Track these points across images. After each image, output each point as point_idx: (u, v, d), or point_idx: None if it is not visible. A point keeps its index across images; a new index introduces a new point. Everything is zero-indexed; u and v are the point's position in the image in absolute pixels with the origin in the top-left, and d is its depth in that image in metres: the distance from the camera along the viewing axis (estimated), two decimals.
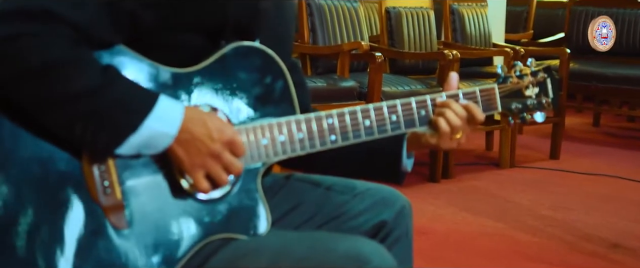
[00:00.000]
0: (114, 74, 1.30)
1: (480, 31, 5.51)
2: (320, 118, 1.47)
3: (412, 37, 4.97)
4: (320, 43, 4.47)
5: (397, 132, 1.53)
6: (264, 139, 1.43)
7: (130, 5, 1.33)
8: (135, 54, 1.36)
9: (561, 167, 5.01)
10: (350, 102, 4.05)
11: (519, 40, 6.54)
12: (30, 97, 1.25)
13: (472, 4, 5.54)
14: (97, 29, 1.30)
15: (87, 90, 1.25)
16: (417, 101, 1.54)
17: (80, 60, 1.27)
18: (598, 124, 6.79)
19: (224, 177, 1.37)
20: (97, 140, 1.28)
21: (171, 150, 1.34)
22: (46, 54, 1.24)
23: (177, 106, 1.33)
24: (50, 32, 1.24)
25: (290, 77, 1.50)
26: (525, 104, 1.64)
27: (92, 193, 1.32)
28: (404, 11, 4.95)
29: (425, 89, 4.43)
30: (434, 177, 4.51)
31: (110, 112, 1.27)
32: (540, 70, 1.65)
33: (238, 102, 1.43)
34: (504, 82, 1.62)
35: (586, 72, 5.79)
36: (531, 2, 7.36)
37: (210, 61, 1.41)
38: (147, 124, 1.29)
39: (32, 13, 1.24)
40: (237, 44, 1.43)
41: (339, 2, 4.62)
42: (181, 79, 1.39)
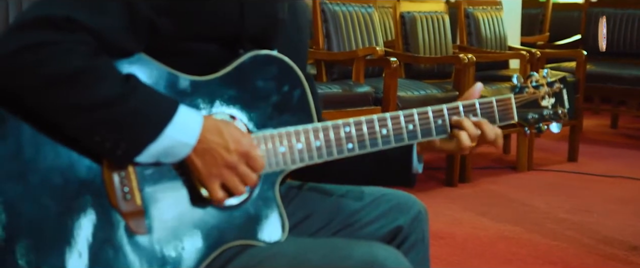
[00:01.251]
0: (135, 83, 1.30)
1: (496, 34, 5.49)
2: (337, 126, 1.48)
3: (427, 42, 4.97)
4: (335, 49, 4.47)
5: (414, 141, 1.54)
6: (281, 147, 1.44)
7: (149, 14, 1.34)
8: (155, 62, 1.37)
9: (579, 170, 4.99)
10: (366, 108, 4.04)
11: (535, 42, 6.52)
12: (51, 105, 1.26)
13: (487, 7, 5.53)
14: (118, 37, 1.31)
15: (108, 99, 1.26)
16: (433, 110, 1.55)
17: (101, 69, 1.28)
18: (616, 126, 6.76)
19: (240, 188, 1.38)
20: (117, 148, 1.29)
21: (189, 159, 1.35)
22: (67, 62, 1.24)
23: (196, 116, 1.34)
24: (71, 40, 1.25)
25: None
26: (542, 114, 1.65)
27: (112, 200, 1.33)
28: (418, 16, 4.95)
29: (441, 93, 4.42)
30: (451, 182, 4.50)
31: (131, 121, 1.28)
32: (556, 80, 1.67)
33: (256, 110, 1.44)
34: (520, 92, 1.63)
35: (603, 74, 5.77)
36: (547, 5, 7.33)
37: (228, 69, 1.42)
38: (167, 133, 1.30)
39: (54, 21, 1.25)
40: (255, 53, 1.44)
41: (354, 8, 4.62)
42: (200, 86, 1.40)
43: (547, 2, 7.39)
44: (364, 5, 4.70)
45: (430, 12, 5.05)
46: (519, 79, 1.64)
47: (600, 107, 6.91)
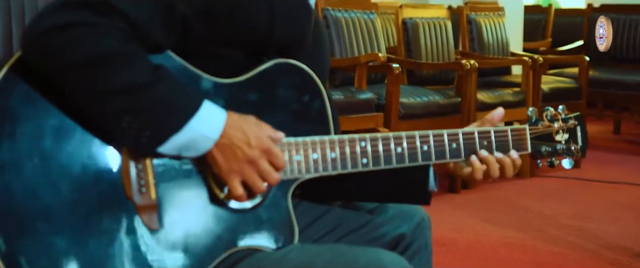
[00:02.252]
0: (163, 73, 1.32)
1: (498, 40, 5.49)
2: (353, 140, 1.49)
3: (430, 48, 4.97)
4: (337, 55, 4.48)
5: (427, 162, 1.55)
6: (297, 156, 1.45)
7: (184, 13, 1.36)
8: (181, 61, 1.39)
9: (582, 176, 4.98)
10: (368, 114, 4.05)
11: (538, 48, 6.52)
12: (80, 85, 1.28)
13: (490, 13, 5.53)
14: (151, 28, 1.33)
15: (136, 85, 1.28)
16: (449, 134, 1.57)
17: (133, 55, 1.29)
18: (619, 132, 6.75)
19: (259, 184, 1.39)
20: (141, 136, 1.30)
21: (210, 154, 1.36)
22: (100, 44, 1.26)
23: (220, 111, 1.36)
24: (107, 23, 1.27)
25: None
26: (555, 148, 1.67)
27: (127, 191, 1.34)
28: (420, 22, 4.95)
29: (443, 100, 4.42)
30: (454, 188, 4.50)
31: (157, 110, 1.30)
32: (571, 117, 1.69)
33: (275, 117, 1.45)
34: (535, 124, 1.66)
35: (605, 80, 5.76)
36: (549, 10, 7.33)
37: (251, 74, 1.44)
38: (191, 125, 1.31)
39: (91, 4, 1.27)
40: (278, 60, 1.46)
41: (356, 14, 4.62)
42: (222, 89, 1.42)
43: (549, 7, 7.40)
44: (366, 12, 4.70)
45: (433, 18, 5.05)
46: (534, 112, 1.67)
47: (603, 113, 6.92)
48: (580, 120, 1.70)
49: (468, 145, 1.58)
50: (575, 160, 1.70)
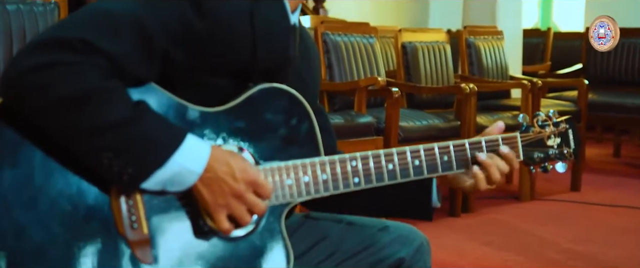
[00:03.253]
0: (145, 109, 1.31)
1: (497, 64, 5.51)
2: (344, 160, 1.49)
3: (429, 72, 4.98)
4: (337, 79, 4.48)
5: (420, 177, 1.55)
6: (288, 180, 1.45)
7: (164, 43, 1.35)
8: (165, 92, 1.38)
9: (582, 199, 4.97)
10: (368, 138, 4.05)
11: (537, 72, 6.54)
12: (61, 125, 1.27)
13: (489, 37, 5.55)
14: (131, 63, 1.32)
15: (117, 122, 1.27)
16: (440, 147, 1.57)
17: (113, 92, 1.29)
18: (619, 155, 6.75)
19: (246, 218, 1.38)
20: (123, 172, 1.29)
21: (195, 188, 1.35)
22: (80, 83, 1.26)
23: (204, 145, 1.35)
24: (85, 62, 1.27)
25: (317, 122, 1.52)
26: (547, 153, 1.67)
27: (119, 228, 1.33)
28: (420, 46, 4.97)
29: (443, 123, 4.42)
30: (454, 211, 4.49)
31: (139, 146, 1.29)
32: (562, 121, 1.68)
33: (264, 142, 1.45)
34: (526, 131, 1.65)
35: (605, 103, 5.77)
36: (548, 34, 7.36)
37: (237, 101, 1.43)
38: (175, 159, 1.31)
39: (69, 42, 1.26)
40: (264, 86, 1.45)
41: (355, 38, 4.64)
42: (209, 118, 1.41)
43: (548, 31, 7.43)
44: (365, 36, 4.72)
45: (432, 42, 5.07)
46: (525, 118, 1.66)
47: (602, 136, 6.92)
48: (571, 123, 1.70)
49: (460, 157, 1.58)
50: (568, 163, 1.70)
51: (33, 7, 2.61)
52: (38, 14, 2.61)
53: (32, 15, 2.60)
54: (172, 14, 1.36)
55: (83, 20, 1.32)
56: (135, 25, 1.32)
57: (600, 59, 6.32)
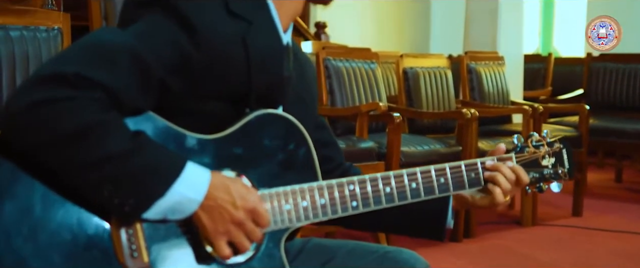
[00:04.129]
0: (144, 139, 1.32)
1: (498, 89, 5.52)
2: (341, 185, 1.50)
3: (430, 97, 4.99)
4: (338, 105, 4.50)
5: (417, 200, 1.57)
6: (287, 205, 1.46)
7: (160, 73, 1.36)
8: (163, 121, 1.39)
9: (584, 225, 4.96)
10: (370, 163, 4.05)
11: (538, 97, 6.55)
12: (61, 160, 1.28)
13: (490, 62, 5.57)
14: (129, 94, 1.32)
15: (117, 155, 1.28)
16: (436, 169, 1.59)
17: (111, 125, 1.29)
18: (620, 180, 6.74)
19: (246, 244, 1.39)
20: (124, 204, 1.30)
21: (196, 216, 1.36)
22: (78, 118, 1.26)
23: (204, 172, 1.35)
24: (83, 96, 1.27)
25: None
26: (542, 173, 1.68)
27: (119, 257, 1.34)
28: (421, 71, 4.98)
29: (444, 148, 4.42)
30: (455, 237, 4.48)
31: (139, 177, 1.29)
32: (556, 141, 1.70)
33: (262, 168, 1.46)
34: (521, 152, 1.66)
35: (606, 128, 5.77)
36: (549, 59, 7.38)
37: (235, 128, 1.44)
38: (175, 189, 1.31)
39: (65, 78, 1.27)
40: (261, 112, 1.46)
41: (357, 64, 4.65)
42: (207, 145, 1.42)
43: (549, 56, 7.45)
44: (367, 61, 4.74)
45: (433, 68, 5.09)
46: (519, 139, 1.68)
47: (604, 161, 6.91)
48: (565, 143, 1.71)
49: (456, 179, 1.60)
50: (563, 183, 1.71)
51: (36, 33, 2.62)
52: (41, 40, 2.62)
53: (36, 41, 2.61)
54: (167, 44, 1.37)
55: (79, 53, 1.32)
56: (131, 56, 1.33)
57: (601, 85, 6.33)
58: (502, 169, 1.62)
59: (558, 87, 7.11)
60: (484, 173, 1.62)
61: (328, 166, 1.68)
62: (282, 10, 1.54)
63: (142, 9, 1.41)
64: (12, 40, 2.55)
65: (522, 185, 1.64)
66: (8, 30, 2.55)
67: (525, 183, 1.64)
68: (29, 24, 2.62)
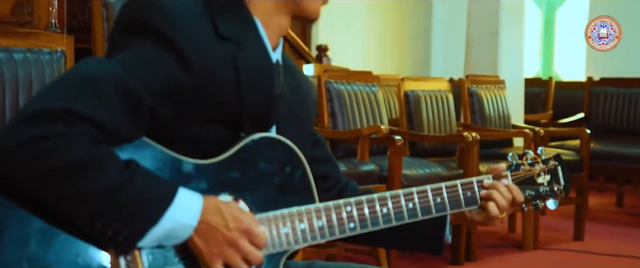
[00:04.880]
0: (134, 169, 1.32)
1: (499, 113, 5.53)
2: (339, 206, 1.50)
3: (431, 120, 5.00)
4: (340, 127, 4.50)
5: (414, 220, 1.57)
6: (284, 228, 1.46)
7: (150, 102, 1.36)
8: (158, 146, 1.39)
9: (585, 249, 4.95)
10: (371, 186, 4.05)
11: (539, 121, 6.55)
12: (54, 196, 1.28)
13: (491, 86, 5.58)
14: (119, 125, 1.32)
15: (109, 188, 1.28)
16: (432, 189, 1.60)
17: (101, 158, 1.29)
18: (621, 204, 6.73)
19: (242, 266, 1.39)
20: (118, 234, 1.30)
21: (191, 241, 1.36)
22: (68, 153, 1.26)
23: (196, 197, 1.36)
24: (72, 131, 1.27)
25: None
26: (538, 191, 1.69)
27: None
28: (422, 94, 4.99)
29: (446, 171, 4.43)
30: (456, 260, 4.47)
31: (130, 208, 1.30)
32: (551, 158, 1.71)
33: (259, 192, 1.46)
34: (516, 170, 1.67)
35: (607, 152, 5.77)
36: (550, 83, 7.40)
37: (231, 152, 1.44)
38: (168, 216, 1.32)
39: (54, 113, 1.27)
40: (256, 136, 1.46)
41: (358, 87, 4.67)
42: (203, 170, 1.42)
43: (549, 80, 7.47)
44: (368, 84, 4.75)
45: (434, 91, 5.10)
46: (514, 157, 1.69)
47: (605, 186, 6.90)
48: (560, 160, 1.72)
49: (452, 198, 1.60)
50: (559, 200, 1.72)
51: (40, 56, 2.63)
52: (45, 62, 2.63)
53: (39, 63, 2.62)
54: (156, 72, 1.36)
55: (67, 87, 1.32)
56: (120, 87, 1.32)
57: (602, 109, 6.34)
58: (498, 187, 1.62)
59: (559, 111, 7.12)
60: (480, 191, 1.62)
61: (325, 184, 1.68)
62: (270, 28, 1.53)
63: (130, 36, 1.40)
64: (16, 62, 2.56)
65: (518, 203, 1.65)
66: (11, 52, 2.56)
67: (520, 202, 1.65)
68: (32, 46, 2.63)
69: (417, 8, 9.14)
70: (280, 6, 1.54)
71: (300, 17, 1.57)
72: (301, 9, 1.55)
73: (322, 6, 1.58)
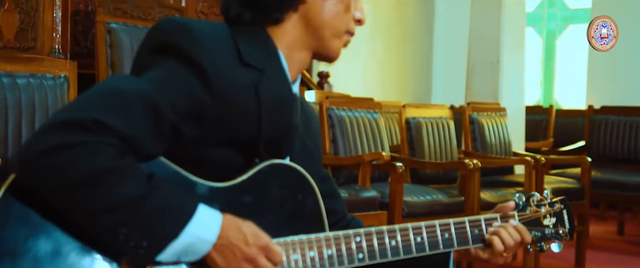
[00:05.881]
0: (157, 182, 1.34)
1: (500, 140, 5.54)
2: (348, 236, 1.52)
3: (433, 147, 5.00)
4: (341, 154, 4.51)
5: (422, 254, 1.58)
6: (294, 254, 1.48)
7: (174, 120, 1.39)
8: (174, 167, 1.41)
9: None
10: (372, 212, 4.05)
11: (540, 148, 6.56)
12: (77, 204, 1.29)
13: (492, 113, 5.59)
14: (143, 140, 1.35)
15: (132, 200, 1.30)
16: (440, 224, 1.61)
17: (126, 169, 1.31)
18: (622, 233, 6.72)
19: None
20: (139, 247, 1.31)
21: (209, 256, 1.37)
22: (94, 163, 1.28)
23: (216, 213, 1.38)
24: (98, 141, 1.29)
25: (323, 188, 1.56)
26: (544, 232, 1.71)
27: None
28: (423, 121, 5.00)
29: (447, 199, 4.42)
30: None
31: (153, 220, 1.31)
32: (557, 201, 1.72)
33: (271, 218, 1.48)
34: (523, 210, 1.69)
35: (608, 181, 5.77)
36: (550, 111, 7.41)
37: (245, 177, 1.47)
38: (188, 230, 1.33)
39: (81, 123, 1.29)
40: (270, 162, 1.49)
41: (360, 113, 4.68)
42: (217, 193, 1.44)
43: (550, 108, 7.48)
44: (369, 111, 4.76)
45: (435, 118, 5.11)
46: (520, 198, 1.70)
47: (606, 214, 6.89)
48: (566, 203, 1.74)
49: (460, 234, 1.62)
50: (563, 243, 1.73)
51: (43, 81, 2.65)
52: (48, 88, 2.65)
53: (42, 88, 2.64)
54: (181, 92, 1.40)
55: (94, 100, 1.35)
56: (146, 104, 1.36)
57: (602, 137, 6.35)
58: (507, 228, 1.64)
59: (559, 139, 7.13)
60: (487, 230, 1.64)
61: (331, 219, 1.70)
62: (291, 61, 1.57)
63: (157, 56, 1.44)
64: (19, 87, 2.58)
65: (525, 244, 1.67)
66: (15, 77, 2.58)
67: (528, 243, 1.67)
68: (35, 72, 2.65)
69: (418, 35, 9.18)
70: (304, 41, 1.58)
71: (321, 54, 1.62)
72: (324, 47, 1.59)
73: (343, 48, 1.61)
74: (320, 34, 1.58)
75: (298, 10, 1.56)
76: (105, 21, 4.03)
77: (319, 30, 1.57)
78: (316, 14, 1.56)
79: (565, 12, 9.01)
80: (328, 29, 1.57)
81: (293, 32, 1.57)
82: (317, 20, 1.57)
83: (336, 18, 1.57)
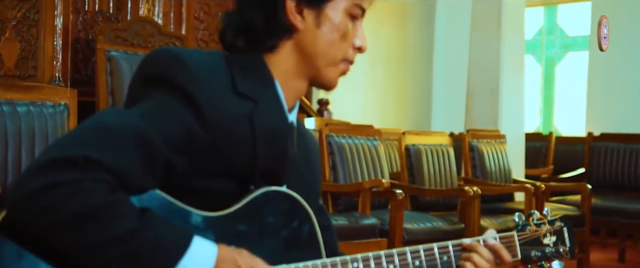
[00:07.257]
0: (151, 216, 1.33)
1: (500, 167, 5.53)
2: (345, 262, 1.50)
3: (432, 174, 5.00)
4: (341, 181, 4.50)
5: None
6: None
7: (166, 154, 1.37)
8: (168, 198, 1.40)
9: None
10: (372, 240, 4.04)
11: (539, 175, 6.55)
12: (69, 241, 1.28)
13: (491, 140, 5.59)
14: (135, 175, 1.34)
15: (125, 235, 1.29)
16: (439, 247, 1.60)
17: (118, 205, 1.30)
18: (623, 260, 6.68)
19: None
20: None
21: None
22: (86, 200, 1.27)
23: (211, 246, 1.36)
24: (90, 178, 1.28)
25: (320, 221, 1.55)
26: (544, 252, 1.69)
27: None
28: (423, 148, 5.01)
29: (447, 226, 4.41)
30: None
31: (147, 254, 1.30)
32: (557, 219, 1.71)
33: (266, 246, 1.46)
34: (522, 230, 1.67)
35: (608, 208, 5.76)
36: (550, 138, 7.41)
37: (239, 205, 1.45)
38: (183, 264, 1.32)
39: (73, 161, 1.28)
40: (266, 189, 1.47)
41: (360, 141, 4.68)
42: (212, 222, 1.43)
43: (550, 135, 7.49)
44: (369, 138, 4.76)
45: (435, 145, 5.11)
46: (520, 217, 1.69)
47: (606, 241, 6.86)
48: (566, 221, 1.72)
49: (459, 256, 1.60)
50: (564, 262, 1.71)
51: (43, 109, 2.65)
52: (48, 115, 2.65)
53: (42, 116, 2.64)
54: (174, 125, 1.38)
55: (84, 136, 1.34)
56: (138, 138, 1.34)
57: (602, 164, 6.35)
58: (478, 249, 1.61)
59: (559, 166, 7.12)
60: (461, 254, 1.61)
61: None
62: (288, 89, 1.56)
63: (149, 88, 1.43)
64: (19, 115, 2.58)
65: (506, 263, 1.63)
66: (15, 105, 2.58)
67: (508, 261, 1.63)
68: (36, 100, 2.66)
69: (418, 62, 9.21)
70: (301, 70, 1.56)
71: (317, 83, 1.60)
72: (320, 76, 1.57)
73: (339, 77, 1.60)
74: (315, 62, 1.55)
75: (292, 38, 1.54)
76: (105, 49, 4.05)
77: (314, 58, 1.55)
78: (310, 42, 1.54)
79: (564, 40, 9.04)
80: (322, 57, 1.55)
81: (288, 60, 1.55)
82: (311, 48, 1.54)
83: (331, 47, 1.55)
